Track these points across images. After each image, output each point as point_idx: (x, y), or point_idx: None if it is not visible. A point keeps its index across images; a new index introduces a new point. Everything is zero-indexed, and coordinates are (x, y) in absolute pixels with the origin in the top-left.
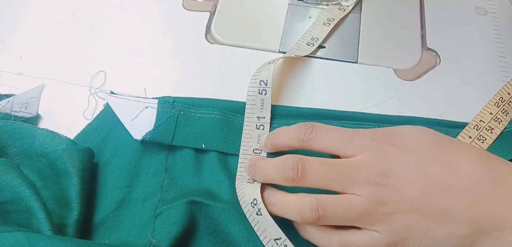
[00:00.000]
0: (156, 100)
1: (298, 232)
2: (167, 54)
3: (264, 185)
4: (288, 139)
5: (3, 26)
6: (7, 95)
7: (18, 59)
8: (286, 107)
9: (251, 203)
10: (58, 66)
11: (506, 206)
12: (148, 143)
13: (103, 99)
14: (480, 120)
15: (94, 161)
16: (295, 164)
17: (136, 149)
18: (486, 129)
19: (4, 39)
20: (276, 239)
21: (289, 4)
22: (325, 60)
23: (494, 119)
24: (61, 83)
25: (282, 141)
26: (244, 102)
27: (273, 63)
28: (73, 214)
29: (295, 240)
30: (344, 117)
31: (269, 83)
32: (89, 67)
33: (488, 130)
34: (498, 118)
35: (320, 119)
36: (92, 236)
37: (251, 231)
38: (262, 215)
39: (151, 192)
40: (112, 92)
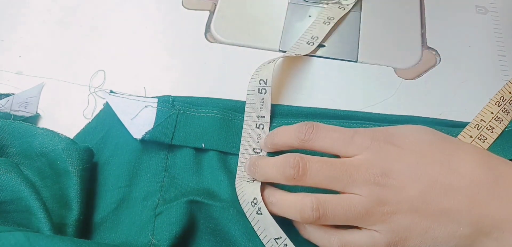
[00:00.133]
0: (156, 99)
1: (298, 232)
2: (166, 53)
3: (264, 184)
4: (288, 139)
5: (3, 26)
6: (7, 95)
7: (17, 58)
8: (286, 106)
9: (251, 202)
10: (57, 66)
11: (507, 206)
12: (148, 142)
13: (102, 98)
14: (481, 119)
15: (93, 160)
16: (296, 163)
17: (136, 148)
18: (487, 128)
19: (4, 38)
20: (276, 238)
21: (289, 2)
22: (325, 59)
23: (495, 118)
24: (60, 82)
25: (282, 140)
26: (244, 102)
27: (273, 62)
28: (72, 214)
29: (295, 240)
30: (344, 117)
31: (269, 82)
32: (88, 66)
33: (489, 129)
34: (499, 118)
35: (320, 119)
36: (92, 235)
37: (251, 231)
38: (262, 214)
39: (151, 191)
40: (111, 91)
